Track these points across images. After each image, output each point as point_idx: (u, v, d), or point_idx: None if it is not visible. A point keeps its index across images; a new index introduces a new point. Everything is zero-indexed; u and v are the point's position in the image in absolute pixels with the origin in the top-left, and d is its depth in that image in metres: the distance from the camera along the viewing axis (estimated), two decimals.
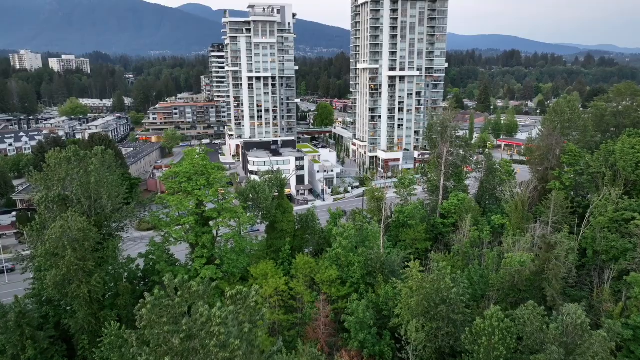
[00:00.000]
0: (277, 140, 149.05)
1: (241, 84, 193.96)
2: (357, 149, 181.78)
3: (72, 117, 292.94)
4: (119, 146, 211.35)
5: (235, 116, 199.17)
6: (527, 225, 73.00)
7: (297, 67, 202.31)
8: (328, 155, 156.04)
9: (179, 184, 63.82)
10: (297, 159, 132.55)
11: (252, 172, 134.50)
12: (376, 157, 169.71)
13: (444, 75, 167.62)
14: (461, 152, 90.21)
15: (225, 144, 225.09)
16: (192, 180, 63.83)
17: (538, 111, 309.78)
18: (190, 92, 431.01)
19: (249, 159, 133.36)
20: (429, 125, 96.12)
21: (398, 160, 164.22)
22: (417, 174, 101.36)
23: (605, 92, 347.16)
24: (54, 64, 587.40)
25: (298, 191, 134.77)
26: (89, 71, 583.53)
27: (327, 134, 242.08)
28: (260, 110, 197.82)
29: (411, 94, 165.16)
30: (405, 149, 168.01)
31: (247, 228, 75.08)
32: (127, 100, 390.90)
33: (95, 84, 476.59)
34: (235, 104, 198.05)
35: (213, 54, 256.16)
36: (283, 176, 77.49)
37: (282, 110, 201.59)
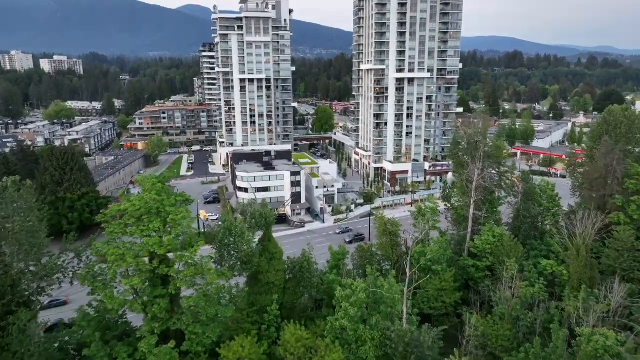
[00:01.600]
0: (270, 151, 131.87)
1: (232, 87, 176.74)
2: (361, 159, 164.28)
3: (56, 121, 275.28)
4: (100, 154, 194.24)
5: (226, 122, 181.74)
6: (592, 275, 55.53)
7: (294, 68, 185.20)
8: (328, 167, 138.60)
9: (124, 226, 46.41)
10: (293, 173, 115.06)
11: (240, 189, 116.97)
12: (382, 168, 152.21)
13: (457, 77, 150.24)
14: (493, 171, 72.68)
15: (216, 152, 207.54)
16: (142, 222, 46.36)
17: (551, 115, 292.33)
18: (185, 94, 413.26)
19: (238, 173, 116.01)
20: (454, 140, 78.92)
21: (406, 172, 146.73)
22: (437, 199, 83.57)
23: (619, 94, 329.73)
24: (45, 64, 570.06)
25: (294, 211, 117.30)
26: (82, 72, 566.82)
27: (327, 141, 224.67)
28: (254, 116, 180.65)
29: (421, 98, 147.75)
30: (414, 160, 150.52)
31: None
32: (119, 103, 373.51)
33: (87, 86, 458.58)
34: (226, 109, 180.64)
35: (204, 53, 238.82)
36: (270, 209, 59.67)
37: (278, 116, 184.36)
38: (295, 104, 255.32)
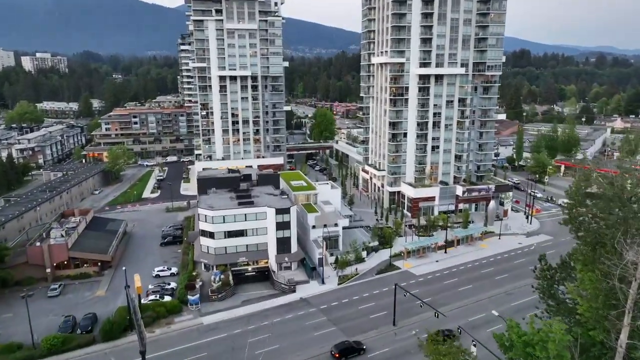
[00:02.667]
0: (249, 175, 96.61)
1: (210, 86, 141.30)
2: (371, 178, 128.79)
3: (14, 125, 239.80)
4: (49, 169, 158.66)
5: (203, 129, 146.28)
6: None
7: (286, 64, 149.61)
8: (330, 193, 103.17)
9: None
10: (279, 211, 79.68)
11: (204, 233, 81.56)
12: (399, 193, 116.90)
13: (500, 74, 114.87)
14: None
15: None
16: None
17: (583, 119, 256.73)
18: (175, 94, 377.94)
19: (200, 210, 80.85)
20: (574, 191, 44.41)
21: (433, 199, 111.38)
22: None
23: None
24: (26, 62, 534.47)
25: (280, 264, 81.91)
26: (67, 71, 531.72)
27: (327, 151, 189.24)
28: (237, 122, 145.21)
29: (451, 101, 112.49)
30: (442, 182, 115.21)
31: None
32: (99, 104, 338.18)
33: (68, 85, 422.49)
34: (203, 113, 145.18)
35: (183, 47, 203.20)
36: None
37: (267, 122, 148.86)
38: (290, 107, 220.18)
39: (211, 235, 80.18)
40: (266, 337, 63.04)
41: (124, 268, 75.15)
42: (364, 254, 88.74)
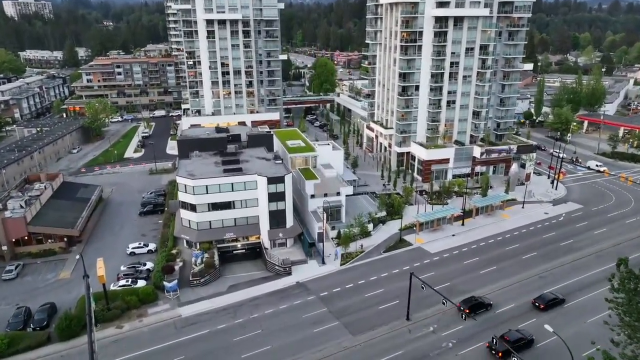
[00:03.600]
0: (238, 135, 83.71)
1: (196, 31, 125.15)
2: (377, 137, 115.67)
3: None
4: (23, 125, 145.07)
5: (190, 82, 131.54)
6: None
7: (282, 5, 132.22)
8: (331, 156, 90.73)
9: None
10: (272, 180, 67.60)
11: (184, 205, 69.81)
12: (409, 154, 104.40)
13: (529, 15, 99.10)
14: None
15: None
16: None
17: (604, 69, 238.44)
18: (166, 43, 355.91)
19: (179, 179, 68.76)
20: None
21: (447, 161, 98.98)
22: None
23: None
24: (8, 7, 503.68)
25: (273, 241, 70.80)
26: (53, 17, 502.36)
27: (328, 105, 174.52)
28: (227, 73, 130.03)
29: (472, 49, 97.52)
30: (457, 143, 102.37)
31: None
32: (85, 53, 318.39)
33: (54, 33, 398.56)
34: (190, 63, 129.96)
35: None
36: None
37: (261, 73, 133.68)
38: (287, 56, 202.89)
39: (192, 207, 68.49)
40: (255, 335, 52.80)
41: (77, 257, 64.84)
42: (370, 226, 77.51)
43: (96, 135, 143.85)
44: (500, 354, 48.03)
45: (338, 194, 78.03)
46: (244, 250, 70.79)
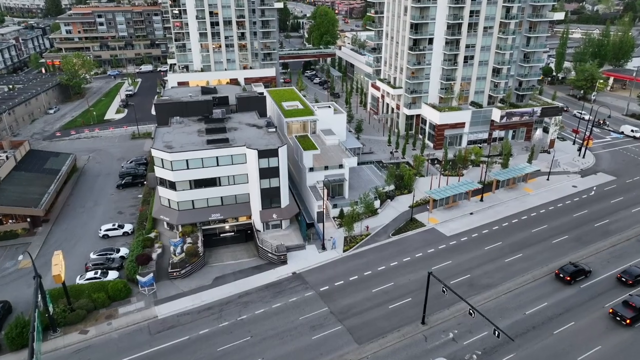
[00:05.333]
0: (226, 98, 72.57)
1: None
2: (383, 97, 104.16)
3: None
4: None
5: (176, 33, 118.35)
6: None
7: None
8: (332, 120, 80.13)
9: None
10: (263, 153, 57.55)
11: (162, 182, 60.12)
12: (420, 117, 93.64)
13: None
14: None
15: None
16: None
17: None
18: None
19: (154, 152, 58.71)
20: None
21: (462, 125, 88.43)
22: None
23: None
24: None
25: (266, 223, 61.70)
26: None
27: (329, 59, 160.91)
28: (217, 23, 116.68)
29: None
30: (473, 104, 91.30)
31: None
32: (70, 1, 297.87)
33: None
34: (175, 11, 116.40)
35: None
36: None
37: (254, 23, 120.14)
38: (283, 4, 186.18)
39: (171, 185, 58.87)
40: (244, 344, 44.66)
41: (20, 257, 55.79)
42: (377, 203, 68.16)
43: (76, 93, 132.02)
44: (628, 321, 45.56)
45: (341, 166, 68.17)
46: (232, 233, 61.81)
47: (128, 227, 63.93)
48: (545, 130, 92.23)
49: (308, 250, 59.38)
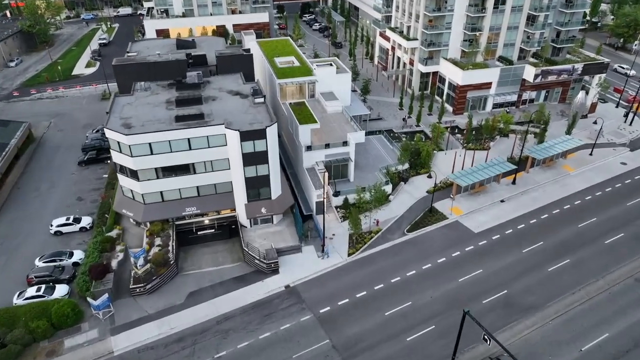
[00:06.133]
0: (202, 57, 58.33)
1: None
2: (393, 49, 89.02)
3: None
4: None
5: None
6: None
7: None
8: (334, 81, 66.49)
9: None
10: (246, 135, 45.02)
11: (122, 170, 47.89)
12: (436, 75, 79.59)
13: None
14: None
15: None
16: None
17: None
18: None
19: (108, 133, 46.08)
20: None
21: (488, 86, 74.72)
22: None
23: None
24: None
25: (253, 220, 50.24)
26: None
27: (329, 0, 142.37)
28: None
29: None
30: (502, 60, 76.84)
31: None
32: None
33: None
34: None
35: None
36: None
37: None
38: None
39: (133, 174, 46.78)
40: None
41: None
42: (388, 188, 56.30)
43: (42, 42, 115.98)
44: None
45: (345, 143, 55.71)
46: (213, 230, 50.51)
47: (86, 222, 52.46)
48: (584, 91, 78.56)
49: (305, 254, 48.34)
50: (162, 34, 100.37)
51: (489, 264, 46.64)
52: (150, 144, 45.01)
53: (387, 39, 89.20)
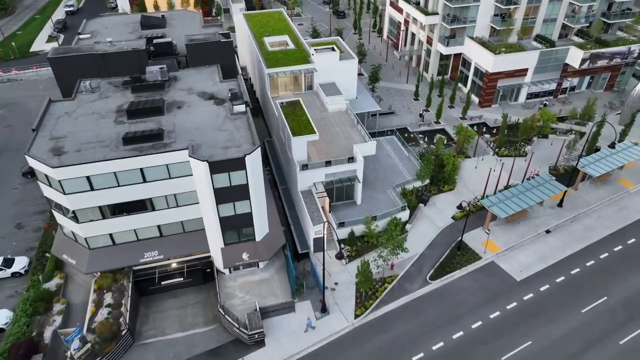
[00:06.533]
0: (167, 44, 45.17)
1: None
2: (406, 24, 74.78)
3: None
4: None
5: None
6: None
7: None
8: (337, 67, 53.63)
9: None
10: (217, 166, 32.84)
11: (57, 206, 36.08)
12: (459, 57, 66.14)
13: None
14: None
15: None
16: None
17: None
18: None
19: (31, 161, 34.09)
20: None
21: (523, 73, 61.56)
22: None
23: None
24: None
25: (234, 268, 39.04)
26: None
27: None
28: None
29: None
30: (540, 40, 63.20)
31: None
32: None
33: None
34: None
35: None
36: None
37: None
38: None
39: (72, 214, 35.06)
40: None
41: None
42: (404, 214, 44.66)
43: (2, 9, 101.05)
44: None
45: (351, 159, 43.63)
46: (181, 279, 39.27)
47: (20, 264, 41.17)
48: (636, 77, 65.69)
49: (299, 314, 37.35)
50: (136, 2, 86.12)
51: (538, 330, 35.77)
52: (88, 177, 33.06)
53: (400, 10, 74.87)
